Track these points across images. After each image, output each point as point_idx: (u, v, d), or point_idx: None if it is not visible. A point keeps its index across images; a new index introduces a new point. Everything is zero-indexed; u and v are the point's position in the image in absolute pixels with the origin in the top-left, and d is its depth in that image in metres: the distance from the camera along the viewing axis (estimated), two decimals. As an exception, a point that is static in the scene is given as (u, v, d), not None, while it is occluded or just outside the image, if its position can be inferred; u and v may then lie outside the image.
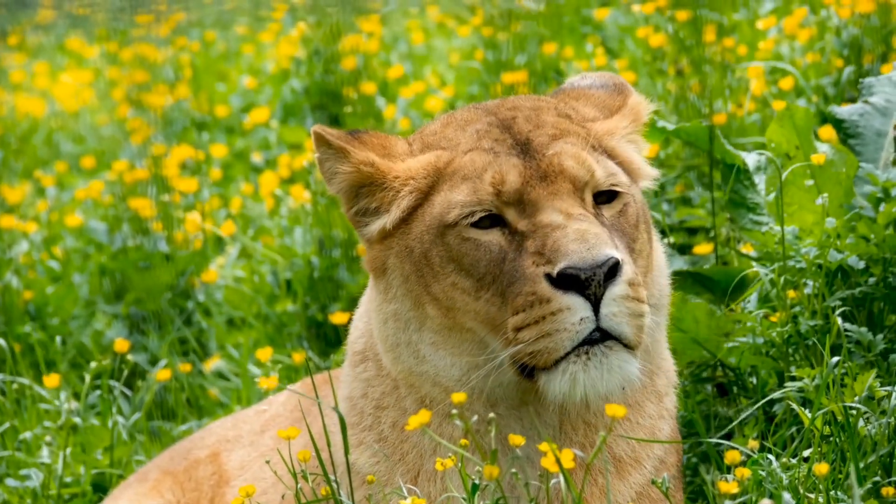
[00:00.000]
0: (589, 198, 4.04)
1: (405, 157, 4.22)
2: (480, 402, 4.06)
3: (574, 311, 3.87)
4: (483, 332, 4.01)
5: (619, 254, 3.89)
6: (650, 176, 4.29)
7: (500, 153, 4.08)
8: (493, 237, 4.02)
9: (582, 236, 3.87)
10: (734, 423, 4.92)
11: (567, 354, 3.88)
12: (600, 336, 3.89)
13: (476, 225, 4.04)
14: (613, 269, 3.86)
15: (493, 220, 4.04)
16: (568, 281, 3.86)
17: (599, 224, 3.96)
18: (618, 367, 3.90)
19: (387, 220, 4.16)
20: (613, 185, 4.06)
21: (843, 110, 5.37)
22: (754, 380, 5.03)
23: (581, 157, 4.04)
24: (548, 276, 3.88)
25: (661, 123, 5.36)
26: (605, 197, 4.07)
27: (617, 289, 3.87)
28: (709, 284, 5.37)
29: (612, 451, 4.13)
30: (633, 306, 3.90)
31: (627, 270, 3.90)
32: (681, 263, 5.48)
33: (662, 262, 4.28)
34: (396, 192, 4.16)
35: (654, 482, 4.01)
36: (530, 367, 3.94)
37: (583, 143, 4.10)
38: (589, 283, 3.84)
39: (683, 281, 5.38)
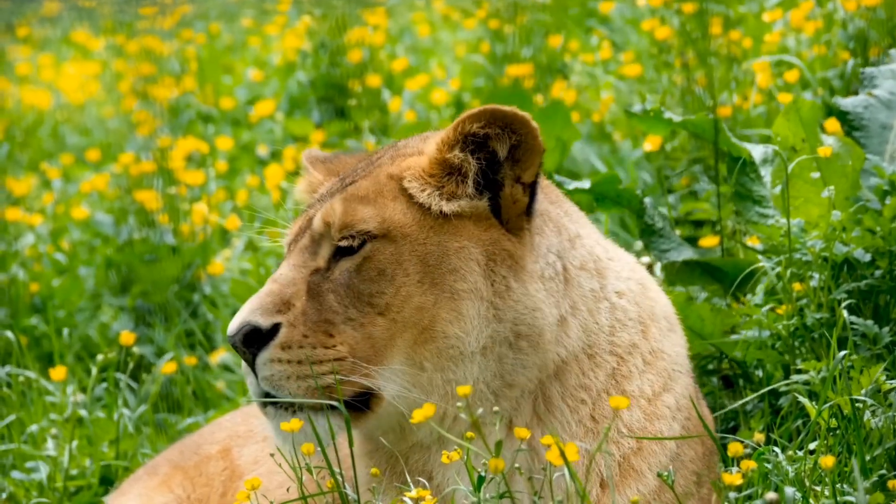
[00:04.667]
0: (326, 252, 4.00)
1: None
2: None
3: (246, 373, 3.97)
4: None
5: (269, 319, 3.89)
6: (446, 212, 3.96)
7: (317, 201, 4.15)
8: None
9: (247, 301, 3.95)
10: (739, 415, 4.92)
11: (264, 408, 3.97)
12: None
13: None
14: (253, 336, 3.90)
15: None
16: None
17: (283, 285, 3.95)
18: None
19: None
20: (342, 238, 3.97)
21: (848, 102, 5.36)
22: (760, 372, 5.03)
23: (330, 209, 4.01)
24: None
25: (667, 114, 5.35)
26: (356, 248, 3.99)
27: (265, 353, 3.91)
28: (718, 275, 5.37)
29: (598, 469, 3.98)
30: (292, 369, 3.90)
31: (284, 334, 3.90)
32: (690, 253, 5.47)
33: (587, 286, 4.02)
34: None
35: (659, 475, 3.98)
36: None
37: (372, 187, 4.01)
38: (236, 348, 3.94)
39: (692, 271, 5.38)
